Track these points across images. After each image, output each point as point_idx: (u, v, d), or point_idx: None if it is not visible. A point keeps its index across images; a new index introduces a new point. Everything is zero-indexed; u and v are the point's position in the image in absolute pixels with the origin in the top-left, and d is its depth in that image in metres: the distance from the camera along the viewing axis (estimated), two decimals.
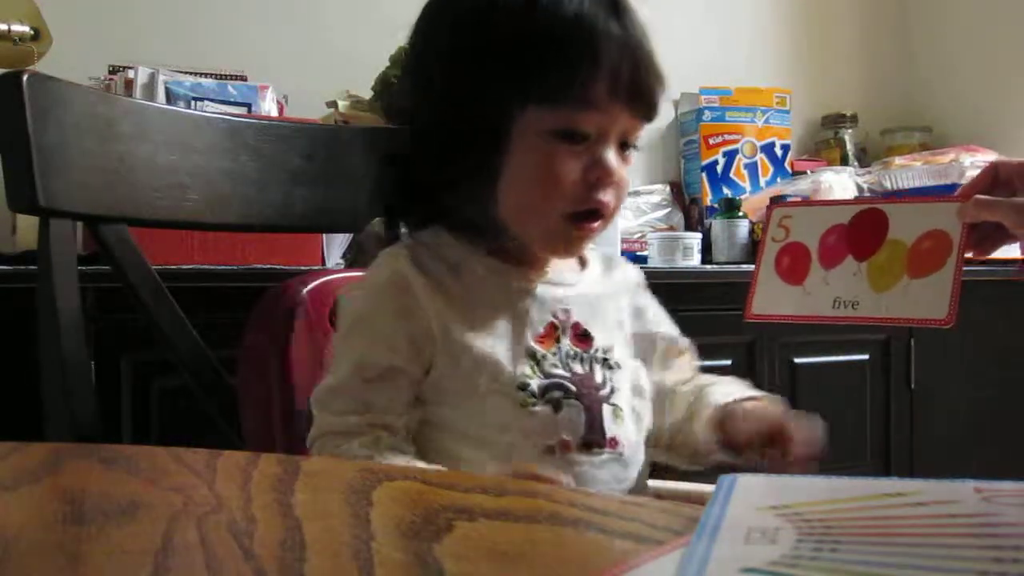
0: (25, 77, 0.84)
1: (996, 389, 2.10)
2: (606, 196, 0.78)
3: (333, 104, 1.83)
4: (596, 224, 0.80)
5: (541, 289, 0.82)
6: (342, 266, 1.60)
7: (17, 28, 1.56)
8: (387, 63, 1.78)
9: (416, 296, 0.78)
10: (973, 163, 2.12)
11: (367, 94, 1.82)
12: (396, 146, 0.84)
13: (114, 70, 1.73)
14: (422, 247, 0.81)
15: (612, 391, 0.81)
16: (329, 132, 1.22)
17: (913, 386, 2.02)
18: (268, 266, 1.45)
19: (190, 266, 1.40)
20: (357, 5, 2.06)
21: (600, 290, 0.87)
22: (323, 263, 1.59)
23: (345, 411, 0.77)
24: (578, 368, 0.80)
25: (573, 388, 0.79)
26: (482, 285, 0.81)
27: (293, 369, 0.89)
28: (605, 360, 0.82)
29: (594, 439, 0.78)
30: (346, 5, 2.06)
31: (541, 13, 0.76)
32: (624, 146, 0.80)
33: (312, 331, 0.90)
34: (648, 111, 0.80)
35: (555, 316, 0.82)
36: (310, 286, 0.92)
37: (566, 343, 0.81)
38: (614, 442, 0.79)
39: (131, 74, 1.68)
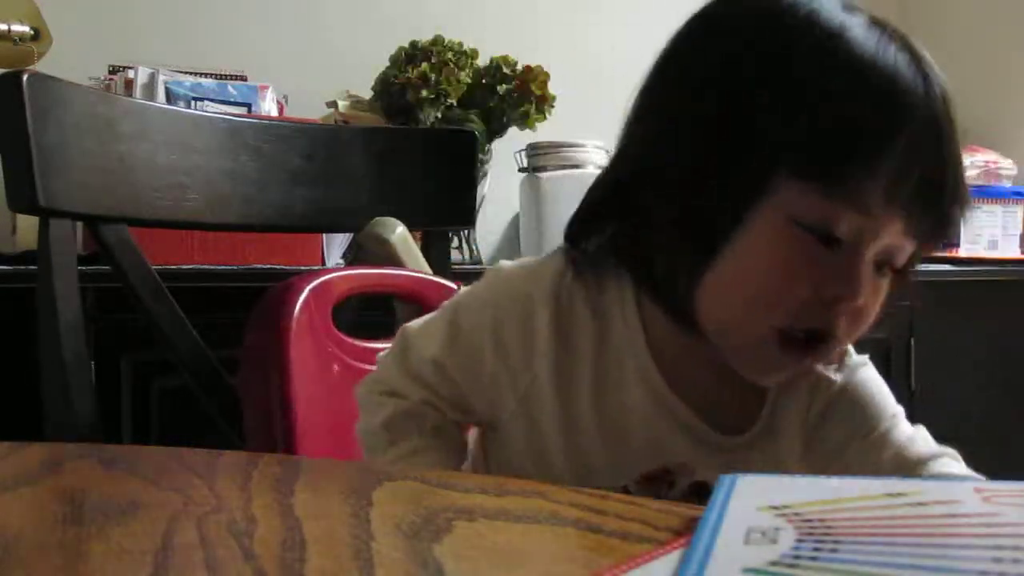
0: (25, 77, 0.84)
1: (996, 389, 2.10)
2: (837, 320, 0.59)
3: (333, 104, 1.83)
4: (807, 359, 0.62)
5: (684, 415, 0.65)
6: (342, 266, 1.60)
7: (17, 28, 1.56)
8: (387, 63, 1.78)
9: (531, 349, 0.64)
10: (973, 163, 2.12)
11: (367, 94, 1.83)
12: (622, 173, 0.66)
13: (114, 70, 1.73)
14: (584, 289, 0.65)
15: None
16: (329, 132, 1.23)
17: (913, 386, 2.02)
18: (268, 266, 1.45)
19: (190, 266, 1.40)
20: (357, 5, 2.06)
21: (775, 447, 0.67)
22: (323, 263, 1.59)
23: (410, 374, 0.68)
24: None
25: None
26: (616, 374, 0.64)
27: (293, 369, 0.89)
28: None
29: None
30: (346, 5, 2.06)
31: (848, 62, 0.59)
32: (882, 265, 0.60)
33: (313, 331, 0.90)
34: (937, 232, 0.61)
35: (676, 466, 0.64)
36: (311, 286, 0.92)
37: (677, 491, 0.64)
38: None
39: (131, 74, 1.68)
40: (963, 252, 2.09)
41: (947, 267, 2.06)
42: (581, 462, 0.64)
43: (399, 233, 1.01)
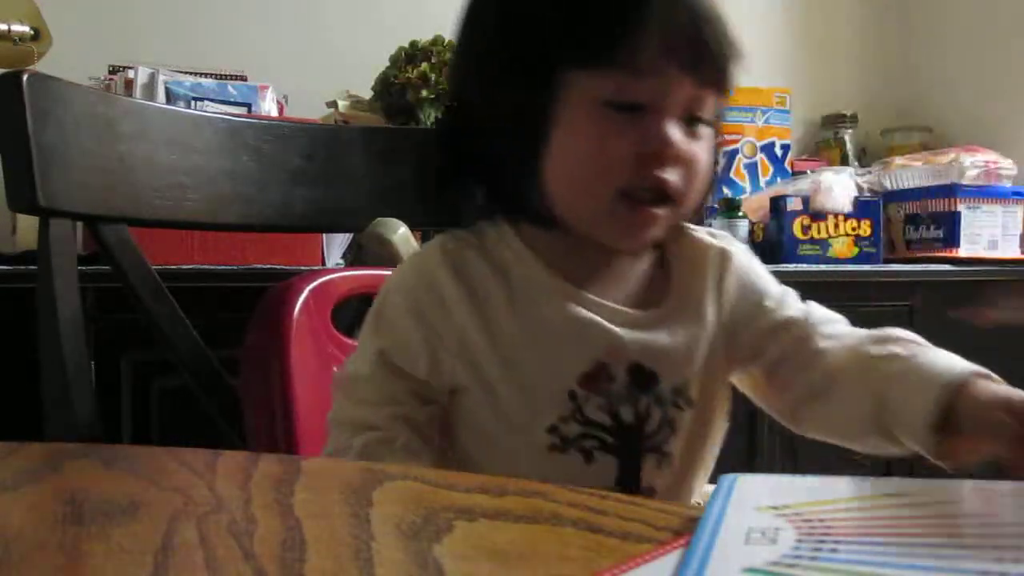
0: (25, 77, 0.84)
1: None
2: (668, 174, 0.67)
3: (333, 104, 1.84)
4: (661, 210, 0.68)
5: (598, 320, 0.70)
6: (342, 266, 1.60)
7: (17, 28, 1.56)
8: (387, 63, 1.78)
9: (446, 307, 0.70)
10: (973, 163, 2.12)
11: (367, 94, 1.83)
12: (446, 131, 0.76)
13: (114, 70, 1.73)
14: (470, 245, 0.72)
15: (668, 436, 0.71)
16: (329, 132, 1.22)
17: None
18: (268, 266, 1.45)
19: (190, 266, 1.40)
20: (357, 5, 2.06)
21: (686, 318, 0.73)
22: (323, 263, 1.59)
23: (366, 400, 0.70)
24: (626, 415, 0.70)
25: (611, 440, 0.69)
26: (528, 303, 0.70)
27: (294, 369, 0.89)
28: (674, 401, 0.71)
29: (627, 489, 0.69)
30: (346, 5, 2.06)
31: None
32: (693, 120, 0.68)
33: (313, 331, 0.90)
34: (717, 78, 0.68)
35: (609, 355, 0.70)
36: (311, 286, 0.92)
37: (619, 385, 0.69)
38: (652, 491, 0.70)
39: (131, 74, 1.68)
40: (963, 252, 2.09)
41: (947, 267, 2.06)
42: (526, 386, 0.69)
43: (401, 233, 1.01)
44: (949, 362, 0.68)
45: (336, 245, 1.62)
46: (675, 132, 0.67)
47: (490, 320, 0.70)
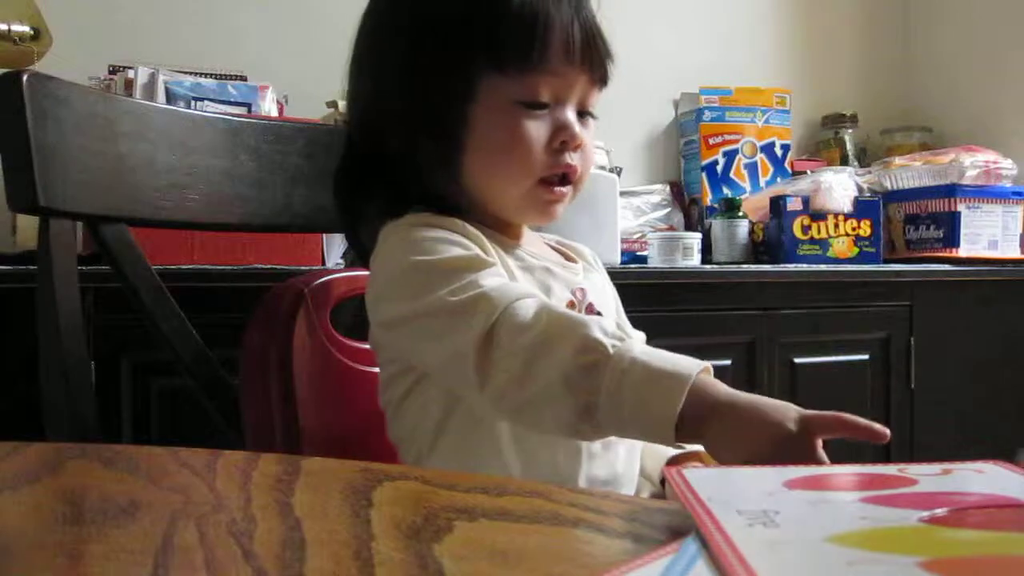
0: (25, 77, 0.84)
1: (996, 389, 2.10)
2: (573, 160, 0.79)
3: (333, 104, 1.83)
4: (567, 189, 0.81)
5: (557, 268, 0.83)
6: (342, 266, 1.60)
7: (17, 28, 1.56)
8: None
9: (469, 231, 0.77)
10: (973, 163, 2.12)
11: None
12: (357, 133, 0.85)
13: (114, 70, 1.73)
14: (429, 215, 0.79)
15: None
16: (329, 132, 1.22)
17: (913, 386, 2.02)
18: (268, 266, 1.45)
19: (190, 266, 1.40)
20: (357, 5, 2.06)
21: (597, 276, 0.89)
22: (323, 263, 1.59)
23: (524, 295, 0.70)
24: None
25: None
26: (503, 252, 0.80)
27: (294, 369, 0.89)
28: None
29: None
30: (346, 5, 2.06)
31: None
32: (582, 114, 0.81)
33: (313, 331, 0.90)
34: (604, 75, 0.80)
35: (573, 294, 0.82)
36: (311, 286, 0.92)
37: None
38: None
39: (131, 74, 1.68)
40: (963, 252, 2.09)
41: (947, 267, 2.07)
42: None
43: None
44: None
45: (336, 245, 1.62)
46: (576, 122, 0.79)
47: (500, 253, 0.78)
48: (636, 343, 0.65)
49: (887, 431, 0.62)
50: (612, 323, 0.71)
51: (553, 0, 0.76)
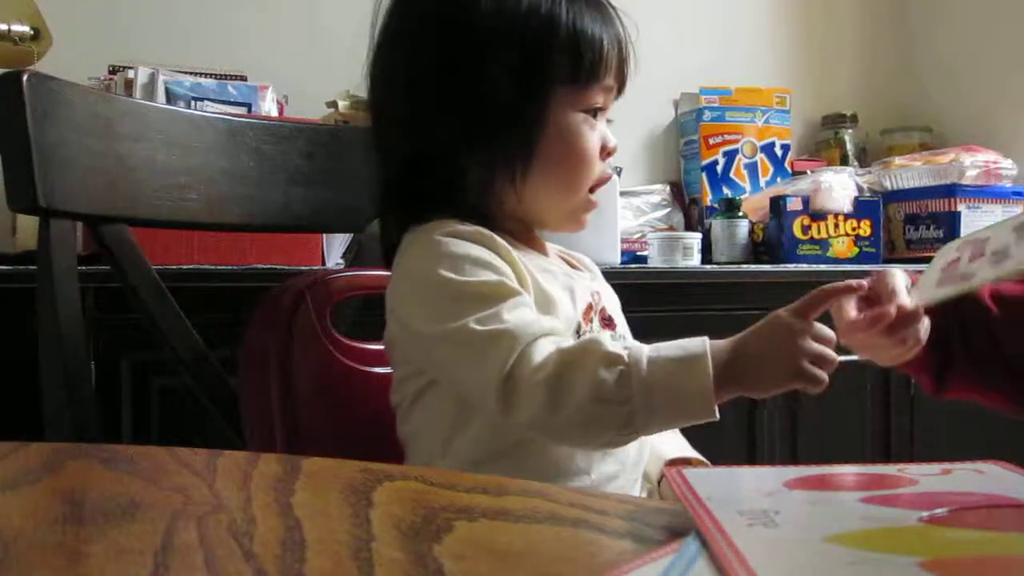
0: (25, 77, 0.84)
1: None
2: (608, 169, 0.86)
3: (333, 104, 1.83)
4: (595, 197, 0.86)
5: (575, 273, 0.86)
6: (342, 266, 1.60)
7: (17, 28, 1.56)
8: None
9: (497, 242, 0.78)
10: (973, 163, 2.12)
11: (367, 94, 1.82)
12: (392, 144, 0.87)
13: (114, 70, 1.73)
14: (455, 223, 0.80)
15: None
16: (329, 132, 1.23)
17: (913, 386, 2.02)
18: (268, 266, 1.45)
19: (190, 266, 1.40)
20: (357, 5, 2.06)
21: (601, 284, 0.90)
22: (323, 263, 1.59)
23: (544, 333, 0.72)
24: None
25: None
26: (528, 261, 0.81)
27: (294, 369, 0.89)
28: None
29: None
30: (346, 5, 2.06)
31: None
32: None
33: (313, 331, 0.90)
34: (625, 85, 0.86)
35: (592, 297, 0.84)
36: (311, 286, 0.92)
37: (597, 325, 0.83)
38: None
39: (131, 74, 1.68)
40: None
41: None
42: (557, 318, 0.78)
43: None
44: None
45: (336, 245, 1.62)
46: None
47: (523, 262, 0.79)
48: (636, 344, 0.71)
49: (863, 283, 0.74)
50: (608, 335, 0.75)
51: (611, 27, 0.82)
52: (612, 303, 0.88)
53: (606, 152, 0.84)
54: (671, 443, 0.89)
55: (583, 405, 0.68)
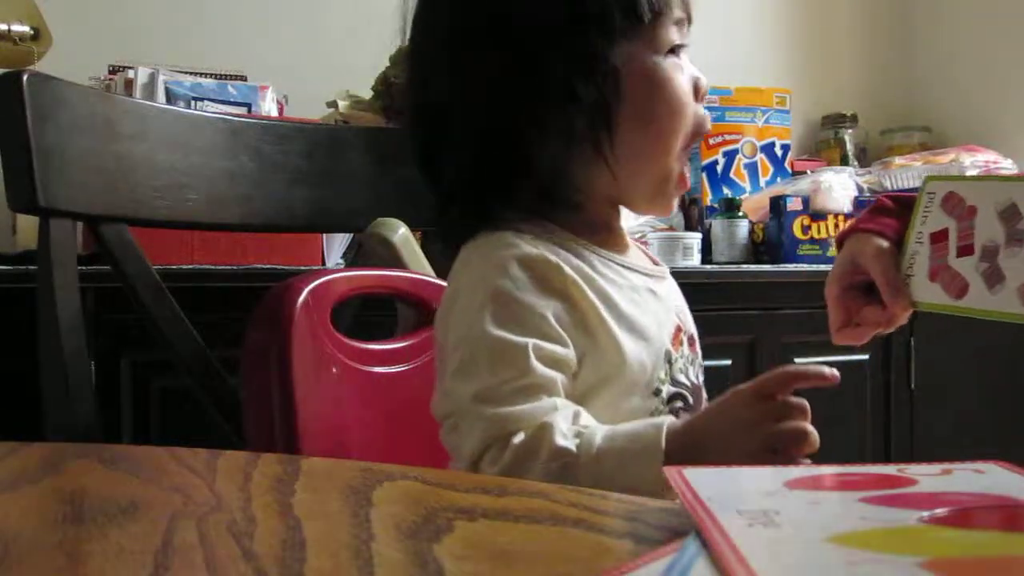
0: (25, 77, 0.84)
1: (996, 389, 2.10)
2: (701, 111, 0.76)
3: (333, 104, 1.83)
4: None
5: (657, 286, 0.77)
6: (342, 266, 1.60)
7: (17, 28, 1.56)
8: (387, 63, 1.78)
9: (565, 275, 0.69)
10: (973, 163, 2.12)
11: (367, 94, 1.82)
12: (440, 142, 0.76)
13: (114, 70, 1.73)
14: (539, 235, 0.72)
15: (707, 402, 0.76)
16: (329, 132, 1.23)
17: (913, 386, 2.02)
18: (268, 266, 1.45)
19: (190, 266, 1.40)
20: (357, 5, 2.06)
21: (672, 284, 0.81)
22: (323, 263, 1.59)
23: (537, 397, 0.65)
24: (692, 377, 0.76)
25: (691, 400, 0.74)
26: (612, 278, 0.73)
27: (294, 369, 0.89)
28: (701, 367, 0.78)
29: None
30: (346, 5, 2.06)
31: None
32: None
33: (313, 331, 0.90)
34: (691, 16, 0.78)
35: (678, 317, 0.77)
36: (311, 286, 0.92)
37: (686, 348, 0.76)
38: None
39: (131, 74, 1.68)
40: None
41: None
42: (643, 347, 0.71)
43: (401, 234, 1.01)
44: None
45: (336, 245, 1.62)
46: None
47: (603, 294, 0.71)
48: (590, 431, 0.64)
49: (836, 373, 0.62)
50: (567, 421, 0.65)
51: None
52: (688, 315, 0.80)
53: (700, 93, 0.76)
54: None
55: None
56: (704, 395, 0.77)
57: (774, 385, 0.61)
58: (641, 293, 0.74)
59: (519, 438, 0.64)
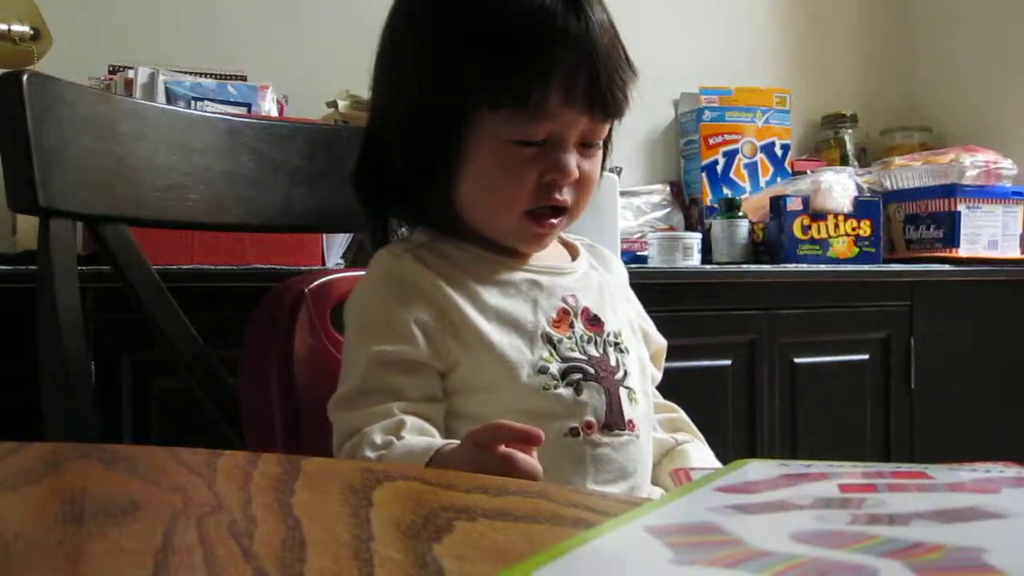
0: (25, 77, 0.84)
1: (996, 389, 2.10)
2: (563, 195, 0.79)
3: (333, 104, 1.83)
4: (557, 221, 0.81)
5: (545, 278, 0.83)
6: (342, 266, 1.60)
7: (17, 28, 1.56)
8: None
9: (422, 289, 0.78)
10: (973, 163, 2.12)
11: (367, 94, 1.82)
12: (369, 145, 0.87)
13: (114, 70, 1.73)
14: (420, 246, 0.82)
15: (625, 374, 0.82)
16: (329, 132, 1.23)
17: (913, 386, 2.02)
18: (268, 266, 1.45)
19: (190, 266, 1.40)
20: (357, 5, 2.06)
21: (598, 277, 0.88)
22: (323, 263, 1.59)
23: (375, 403, 0.75)
24: (593, 351, 0.81)
25: (592, 370, 0.79)
26: (487, 277, 0.81)
27: (294, 369, 0.89)
28: (616, 344, 0.83)
29: (614, 421, 0.79)
30: (346, 5, 2.06)
31: (492, 9, 0.76)
32: (585, 144, 0.79)
33: (313, 331, 0.90)
34: (608, 112, 0.78)
35: (564, 302, 0.82)
36: (311, 286, 0.92)
37: (579, 327, 0.81)
38: (632, 424, 0.80)
39: (131, 74, 1.68)
40: (963, 252, 2.09)
41: (947, 267, 2.07)
42: (515, 337, 0.78)
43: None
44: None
45: (336, 245, 1.62)
46: (572, 161, 0.77)
47: (461, 292, 0.79)
48: (400, 447, 0.72)
49: (540, 433, 0.64)
50: (384, 432, 0.74)
51: (558, 34, 0.74)
52: (601, 300, 0.85)
53: (552, 182, 0.78)
54: (698, 456, 0.88)
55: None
56: (624, 364, 0.82)
57: (486, 439, 0.65)
58: (519, 286, 0.81)
59: (349, 443, 0.74)
